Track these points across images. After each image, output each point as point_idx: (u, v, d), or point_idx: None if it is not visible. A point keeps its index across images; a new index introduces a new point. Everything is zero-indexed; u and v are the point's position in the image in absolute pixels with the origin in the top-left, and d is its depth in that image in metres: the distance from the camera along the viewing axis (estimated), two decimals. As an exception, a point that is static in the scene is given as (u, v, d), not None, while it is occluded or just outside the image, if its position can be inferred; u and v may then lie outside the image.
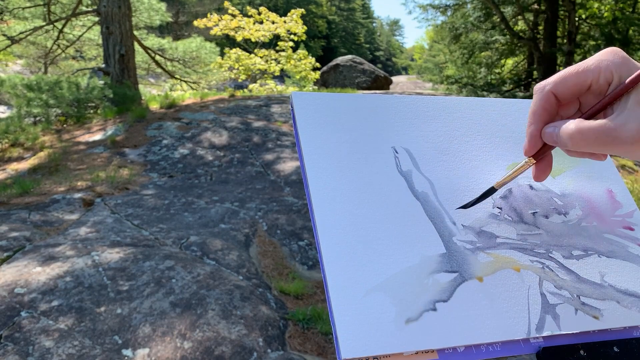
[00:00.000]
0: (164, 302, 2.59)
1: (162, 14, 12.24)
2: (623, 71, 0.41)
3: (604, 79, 0.41)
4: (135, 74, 9.53)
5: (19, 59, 13.29)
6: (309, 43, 29.32)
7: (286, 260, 3.42)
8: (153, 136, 6.26)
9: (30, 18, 10.62)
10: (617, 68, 0.41)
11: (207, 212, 4.02)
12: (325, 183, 0.50)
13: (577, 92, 0.43)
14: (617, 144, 0.40)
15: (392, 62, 53.99)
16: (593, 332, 0.49)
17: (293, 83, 15.30)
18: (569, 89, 0.43)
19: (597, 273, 0.52)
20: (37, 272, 2.81)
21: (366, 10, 49.10)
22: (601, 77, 0.41)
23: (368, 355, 0.42)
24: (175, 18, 22.73)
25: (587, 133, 0.40)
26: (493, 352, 0.46)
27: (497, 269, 0.50)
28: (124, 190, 4.54)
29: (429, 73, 23.09)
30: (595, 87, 0.42)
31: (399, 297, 0.45)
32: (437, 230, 0.50)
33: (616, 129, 0.39)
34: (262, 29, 14.06)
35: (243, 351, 2.29)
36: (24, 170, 5.25)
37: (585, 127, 0.41)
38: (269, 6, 23.57)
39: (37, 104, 7.17)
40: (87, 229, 3.54)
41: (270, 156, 5.63)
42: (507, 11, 14.42)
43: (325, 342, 2.52)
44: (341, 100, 0.56)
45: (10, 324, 2.36)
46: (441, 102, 0.60)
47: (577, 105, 0.45)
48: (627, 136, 0.39)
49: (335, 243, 0.47)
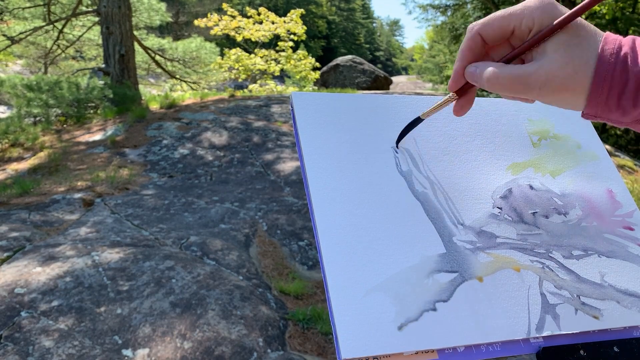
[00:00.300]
0: (164, 302, 2.59)
1: (162, 14, 12.23)
2: (545, 19, 0.41)
3: (525, 25, 0.42)
4: (135, 74, 9.53)
5: (19, 59, 13.29)
6: (309, 43, 29.32)
7: (286, 260, 3.42)
8: (153, 136, 6.26)
9: (30, 18, 10.61)
10: (540, 15, 0.41)
11: (207, 212, 4.02)
12: (325, 183, 0.50)
13: (502, 35, 0.44)
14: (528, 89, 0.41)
15: (392, 62, 54.00)
16: (593, 332, 0.49)
17: (293, 83, 15.30)
18: (494, 32, 0.44)
19: (597, 273, 0.52)
20: (37, 272, 2.81)
21: (366, 11, 49.10)
22: (523, 23, 0.42)
23: (368, 355, 0.42)
24: (175, 18, 22.73)
25: (501, 77, 0.42)
26: (493, 352, 0.46)
27: (497, 269, 0.50)
28: (124, 191, 4.54)
29: (429, 73, 23.11)
30: (517, 32, 0.43)
31: (399, 297, 0.45)
32: (437, 230, 0.50)
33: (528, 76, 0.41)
34: (262, 29, 14.05)
35: (243, 351, 2.29)
36: (24, 170, 5.24)
37: (501, 72, 0.42)
38: (269, 6, 23.58)
39: (37, 104, 7.17)
40: (87, 229, 3.54)
41: (270, 156, 5.63)
42: (507, 11, 14.41)
43: (325, 342, 2.52)
44: (341, 101, 0.56)
45: (10, 324, 2.36)
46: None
47: (508, 49, 0.46)
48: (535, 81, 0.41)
49: (335, 243, 0.47)
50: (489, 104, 0.62)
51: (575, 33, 0.41)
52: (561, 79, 0.40)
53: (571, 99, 0.41)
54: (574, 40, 0.41)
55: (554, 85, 0.41)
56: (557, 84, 0.41)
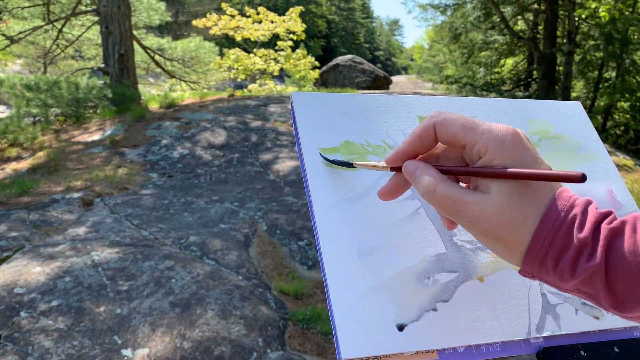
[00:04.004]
0: (164, 302, 2.59)
1: (161, 13, 12.23)
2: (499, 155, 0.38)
3: (477, 150, 0.39)
4: (135, 73, 9.52)
5: (18, 59, 13.27)
6: (309, 43, 29.32)
7: (286, 260, 3.41)
8: (152, 136, 6.26)
9: (30, 18, 10.60)
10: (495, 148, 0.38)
11: (206, 212, 4.01)
12: (325, 183, 0.50)
13: (453, 143, 0.41)
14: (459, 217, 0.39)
15: (392, 62, 53.99)
16: (593, 332, 0.49)
17: (292, 83, 15.30)
18: (447, 136, 0.40)
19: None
20: (36, 272, 2.80)
21: (366, 10, 49.10)
22: (475, 147, 0.39)
23: (368, 355, 0.42)
24: (174, 18, 22.72)
25: (437, 193, 0.39)
26: (493, 352, 0.46)
27: (498, 268, 0.50)
28: (123, 190, 4.54)
29: (428, 73, 23.13)
30: (467, 151, 0.40)
31: (399, 297, 0.45)
32: (437, 230, 0.50)
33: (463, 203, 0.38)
34: (261, 28, 14.05)
35: (243, 351, 2.29)
36: (23, 170, 5.24)
37: (439, 187, 0.39)
38: (268, 6, 23.55)
39: (36, 103, 7.16)
40: (86, 228, 3.53)
41: (270, 156, 5.63)
42: (507, 11, 14.42)
43: (325, 342, 2.52)
44: (341, 100, 0.56)
45: (10, 324, 2.36)
46: (441, 101, 0.60)
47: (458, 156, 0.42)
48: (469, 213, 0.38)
49: (335, 243, 0.46)
50: (489, 104, 0.62)
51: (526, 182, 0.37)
52: (493, 225, 0.37)
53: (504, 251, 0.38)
54: (523, 189, 0.37)
55: (483, 228, 0.37)
56: (487, 228, 0.37)
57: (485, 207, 0.37)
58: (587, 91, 14.14)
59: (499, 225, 0.37)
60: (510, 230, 0.37)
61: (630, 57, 12.60)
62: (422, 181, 0.41)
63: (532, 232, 0.36)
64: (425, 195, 0.41)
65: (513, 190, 0.37)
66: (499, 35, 15.00)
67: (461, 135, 0.39)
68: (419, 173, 0.41)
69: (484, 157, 0.38)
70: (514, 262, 0.38)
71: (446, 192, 0.39)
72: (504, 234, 0.37)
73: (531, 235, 0.36)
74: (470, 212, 0.38)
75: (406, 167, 0.43)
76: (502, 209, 0.37)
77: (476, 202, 0.38)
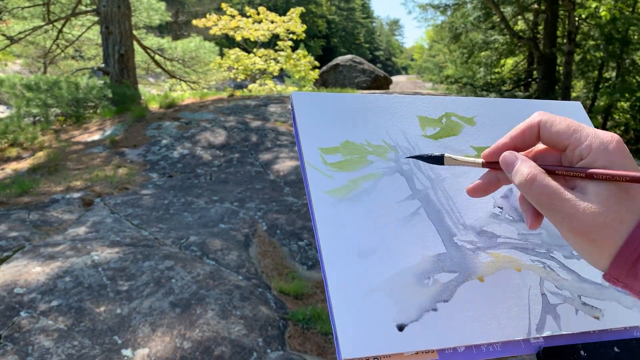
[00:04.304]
0: (164, 302, 2.59)
1: (161, 13, 12.23)
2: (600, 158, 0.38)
3: (579, 152, 0.39)
4: (135, 73, 9.52)
5: (18, 59, 13.27)
6: (309, 43, 29.32)
7: (286, 260, 3.41)
8: (152, 136, 6.26)
9: (30, 18, 10.60)
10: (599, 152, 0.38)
11: (206, 212, 4.01)
12: (325, 183, 0.50)
13: (554, 143, 0.41)
14: (552, 211, 0.39)
15: (392, 61, 53.99)
16: (594, 332, 0.49)
17: (292, 83, 15.30)
18: (550, 134, 0.41)
19: (598, 273, 0.51)
20: (36, 272, 2.80)
21: (366, 10, 49.09)
22: (577, 149, 0.40)
23: (368, 355, 0.42)
24: (174, 18, 22.72)
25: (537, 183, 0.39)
26: (493, 352, 0.46)
27: (498, 268, 0.49)
28: (123, 190, 4.54)
29: (428, 73, 23.12)
30: (569, 152, 0.41)
31: (399, 297, 0.45)
32: (437, 230, 0.50)
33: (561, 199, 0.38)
34: (261, 28, 14.05)
35: (243, 351, 2.28)
36: (23, 170, 5.24)
37: (539, 178, 0.40)
38: (269, 6, 23.56)
39: (36, 103, 7.16)
40: (86, 228, 3.53)
41: (270, 156, 5.63)
42: (507, 11, 14.42)
43: (325, 342, 2.52)
44: (341, 100, 0.56)
45: (10, 324, 2.36)
46: (441, 101, 0.60)
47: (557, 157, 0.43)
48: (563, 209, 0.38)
49: (335, 242, 0.46)
50: (489, 104, 0.62)
51: (627, 187, 0.37)
52: (587, 225, 0.37)
53: (592, 252, 0.38)
54: (622, 193, 0.37)
55: (576, 227, 0.38)
56: (580, 227, 0.37)
57: (582, 207, 0.37)
58: (587, 91, 14.14)
59: (593, 226, 0.37)
60: (604, 231, 0.37)
61: (630, 57, 12.60)
62: (522, 170, 0.41)
63: (627, 235, 0.36)
64: (524, 185, 0.40)
65: (612, 194, 0.37)
66: (499, 35, 15.00)
67: (566, 135, 0.40)
68: (519, 163, 0.41)
69: (585, 159, 0.39)
70: (600, 264, 0.38)
71: (545, 185, 0.39)
72: (596, 234, 0.37)
73: (625, 239, 0.36)
74: (566, 209, 0.38)
75: (505, 157, 0.43)
76: (599, 210, 0.37)
77: (574, 200, 0.38)
